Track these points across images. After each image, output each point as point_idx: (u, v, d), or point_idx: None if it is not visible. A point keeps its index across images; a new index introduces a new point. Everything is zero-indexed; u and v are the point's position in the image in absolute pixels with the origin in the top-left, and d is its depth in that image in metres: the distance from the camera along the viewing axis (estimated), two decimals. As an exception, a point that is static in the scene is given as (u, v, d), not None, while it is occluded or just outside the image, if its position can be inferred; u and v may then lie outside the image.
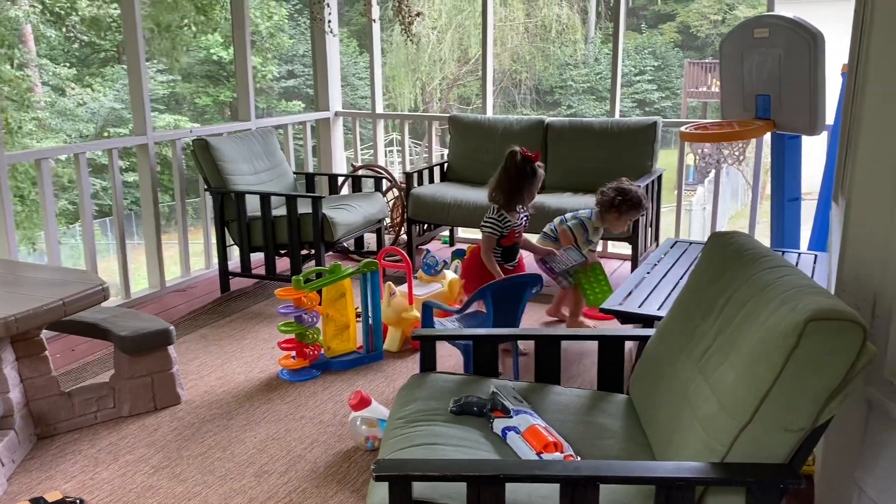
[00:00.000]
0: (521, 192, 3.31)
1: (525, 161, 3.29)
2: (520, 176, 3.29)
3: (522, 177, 3.29)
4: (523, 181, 3.29)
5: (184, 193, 4.52)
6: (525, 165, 3.29)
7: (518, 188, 3.30)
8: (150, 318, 3.16)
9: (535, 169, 3.31)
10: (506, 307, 2.98)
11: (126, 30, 4.11)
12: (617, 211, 3.57)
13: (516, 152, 3.32)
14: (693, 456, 1.52)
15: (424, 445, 1.74)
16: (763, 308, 1.54)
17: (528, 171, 3.29)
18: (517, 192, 3.31)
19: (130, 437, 2.81)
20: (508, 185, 3.31)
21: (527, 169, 3.29)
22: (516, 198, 3.33)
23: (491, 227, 3.35)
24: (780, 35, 3.54)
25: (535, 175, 3.31)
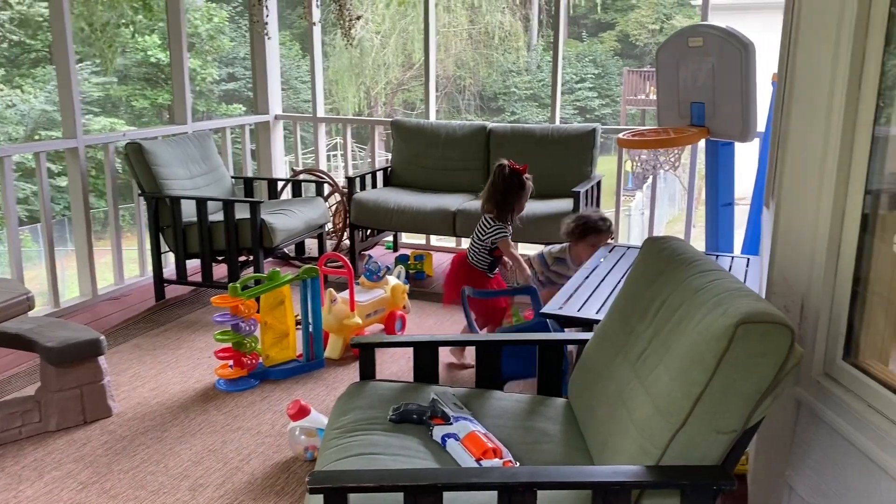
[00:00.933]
0: (510, 203, 3.38)
1: (512, 174, 3.35)
2: (507, 189, 3.35)
3: (510, 189, 3.35)
4: (511, 193, 3.36)
5: (117, 198, 4.38)
6: (512, 178, 3.35)
7: (507, 200, 3.37)
8: (79, 328, 3.04)
9: (522, 181, 3.36)
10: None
11: (55, 29, 3.96)
12: (580, 239, 3.59)
13: (504, 165, 3.37)
14: (629, 459, 1.53)
15: (362, 455, 1.71)
16: (696, 311, 1.56)
17: (515, 184, 3.35)
18: (507, 204, 3.38)
19: (57, 452, 2.69)
20: (497, 198, 3.37)
21: (514, 181, 3.35)
22: (506, 209, 3.39)
23: (500, 231, 3.39)
24: (713, 44, 3.63)
25: (522, 187, 3.37)
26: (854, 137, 1.62)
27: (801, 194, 1.75)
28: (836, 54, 1.62)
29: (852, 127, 1.62)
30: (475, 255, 3.45)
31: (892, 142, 1.61)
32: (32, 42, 16.62)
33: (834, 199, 1.65)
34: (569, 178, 4.48)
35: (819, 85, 1.67)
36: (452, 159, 4.94)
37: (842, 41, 1.60)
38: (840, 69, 1.61)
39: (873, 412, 1.53)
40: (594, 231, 3.59)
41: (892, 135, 1.61)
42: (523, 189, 3.37)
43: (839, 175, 1.64)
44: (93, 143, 4.40)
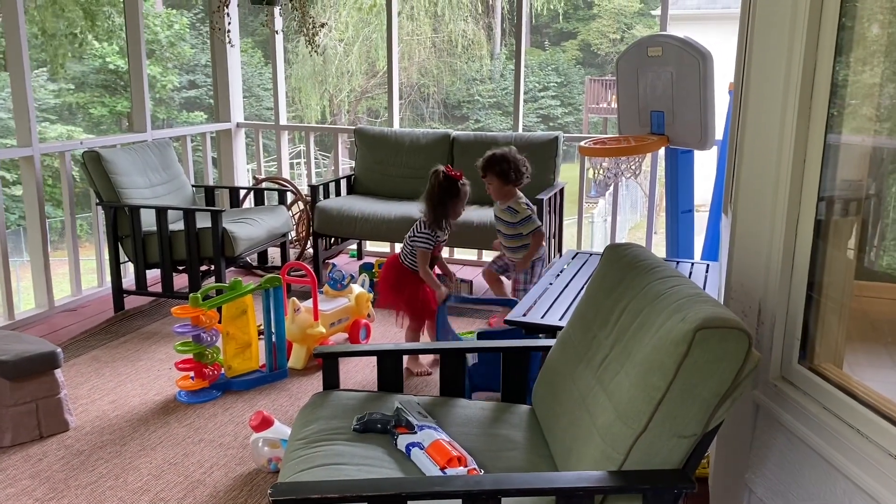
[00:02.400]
0: (445, 208, 3.36)
1: (448, 179, 3.34)
2: (442, 193, 3.33)
3: (445, 194, 3.34)
4: (447, 199, 3.34)
5: (73, 208, 4.29)
6: (448, 183, 3.34)
7: (443, 205, 3.35)
8: (34, 340, 2.97)
9: (458, 188, 3.35)
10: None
11: (8, 36, 3.87)
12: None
13: (439, 171, 3.36)
14: (592, 465, 1.55)
15: (326, 466, 1.70)
16: (656, 317, 1.58)
17: (451, 190, 3.34)
18: (440, 210, 3.35)
19: (12, 468, 2.62)
20: (433, 203, 3.35)
21: (449, 187, 3.34)
22: (440, 215, 3.37)
23: (424, 241, 3.37)
24: (671, 54, 3.69)
25: (457, 194, 3.35)
26: (807, 145, 1.66)
27: (756, 201, 1.78)
28: (788, 64, 1.66)
29: (805, 135, 1.66)
30: (406, 256, 3.45)
31: (843, 150, 1.65)
32: (-15, 48, 16.24)
33: (788, 206, 1.69)
34: (532, 186, 4.49)
35: (772, 94, 1.71)
36: (416, 167, 4.94)
37: (794, 51, 1.64)
38: (792, 79, 1.65)
39: (829, 414, 1.57)
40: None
41: (843, 143, 1.66)
42: (458, 195, 3.36)
43: (793, 182, 1.68)
44: (49, 152, 4.30)
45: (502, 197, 3.68)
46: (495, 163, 3.61)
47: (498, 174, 3.62)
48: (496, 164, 3.61)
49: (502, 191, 3.66)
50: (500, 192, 3.66)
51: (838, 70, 1.61)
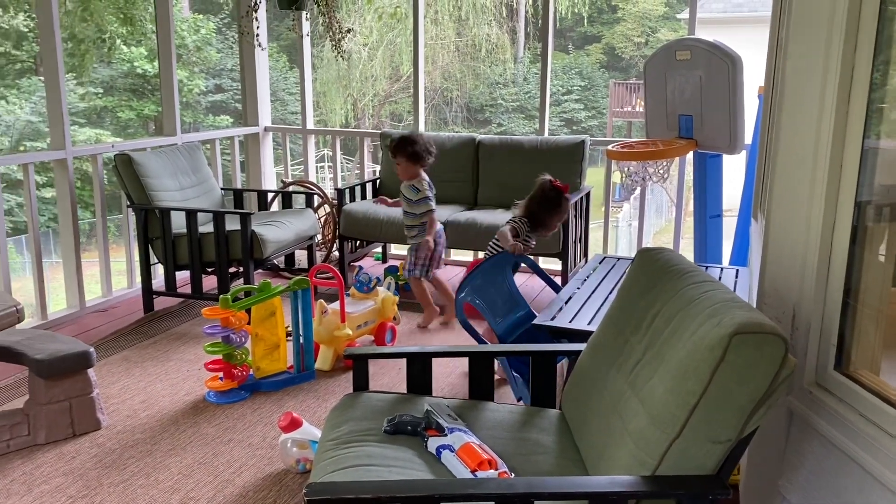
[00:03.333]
0: (542, 217, 3.37)
1: (554, 190, 3.34)
2: (545, 203, 3.35)
3: (548, 204, 3.35)
4: (549, 208, 3.35)
5: (104, 210, 4.36)
6: (554, 194, 3.34)
7: (541, 214, 3.36)
8: (68, 340, 3.02)
9: (561, 200, 3.34)
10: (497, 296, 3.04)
11: (43, 41, 3.95)
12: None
13: (547, 181, 3.36)
14: (624, 469, 1.54)
15: (357, 467, 1.71)
16: (690, 322, 1.57)
17: (554, 200, 3.34)
18: (540, 218, 3.38)
19: (46, 465, 2.67)
20: (531, 209, 3.37)
21: (555, 198, 3.34)
22: (536, 222, 3.38)
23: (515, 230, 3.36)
24: (700, 57, 3.67)
25: (559, 206, 3.35)
26: (844, 149, 1.64)
27: (791, 206, 1.77)
28: (825, 66, 1.64)
29: (842, 139, 1.64)
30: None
31: (881, 154, 1.63)
32: (17, 53, 16.54)
33: (824, 211, 1.68)
34: (558, 190, 4.50)
35: (809, 97, 1.70)
36: (442, 170, 4.94)
37: (831, 54, 1.63)
38: (829, 82, 1.64)
39: (865, 422, 1.55)
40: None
41: (881, 147, 1.64)
42: (559, 209, 3.35)
43: (829, 187, 1.66)
44: (81, 155, 4.38)
45: (409, 176, 4.00)
46: (407, 144, 3.96)
47: (408, 155, 3.95)
48: (407, 146, 3.95)
49: (409, 170, 3.98)
50: (407, 171, 3.98)
51: (877, 72, 1.60)
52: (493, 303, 3.03)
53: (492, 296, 3.03)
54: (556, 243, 4.19)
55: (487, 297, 3.01)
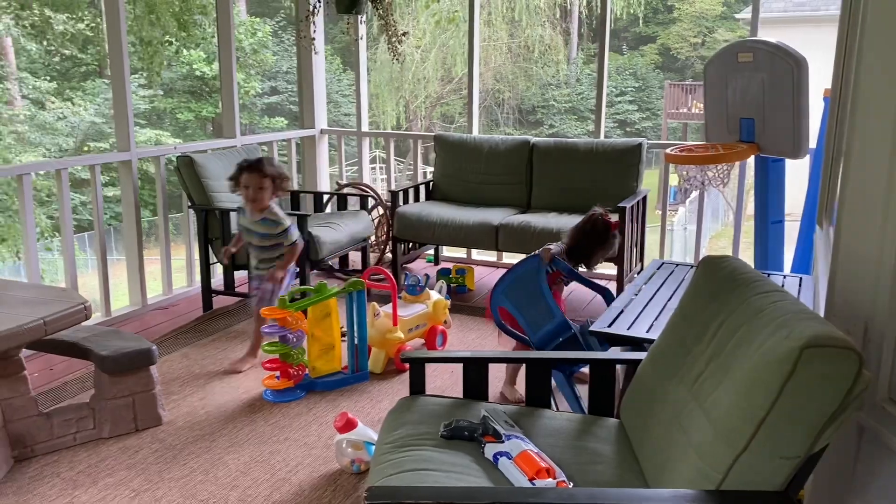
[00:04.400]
0: (588, 251, 3.22)
1: (605, 225, 3.20)
2: (594, 237, 3.20)
3: (596, 239, 3.20)
4: (594, 244, 3.21)
5: (166, 210, 4.47)
6: (603, 229, 3.19)
7: (588, 247, 3.21)
8: (132, 337, 3.11)
9: (609, 236, 3.21)
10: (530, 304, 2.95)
11: (111, 45, 4.07)
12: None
13: (598, 215, 3.22)
14: (687, 483, 1.51)
15: (416, 471, 1.71)
16: (757, 334, 1.53)
17: (602, 236, 3.20)
18: (585, 251, 3.22)
19: (110, 459, 2.75)
20: (578, 239, 3.23)
21: (603, 233, 3.20)
22: (580, 254, 3.23)
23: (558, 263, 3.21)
24: (763, 59, 3.58)
25: (606, 242, 3.21)
26: (922, 158, 1.58)
27: (864, 216, 1.71)
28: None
29: (920, 147, 1.58)
30: None
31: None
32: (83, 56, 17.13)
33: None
34: (613, 193, 4.45)
35: (885, 102, 1.63)
36: (495, 173, 4.95)
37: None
38: (907, 88, 1.58)
39: (942, 440, 1.49)
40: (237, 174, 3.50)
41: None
42: (605, 245, 3.20)
43: (906, 196, 1.60)
44: (145, 156, 4.50)
45: (263, 207, 3.46)
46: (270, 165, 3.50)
47: (274, 178, 3.48)
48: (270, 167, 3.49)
49: (266, 199, 3.46)
50: (264, 200, 3.45)
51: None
52: (527, 311, 2.95)
53: (526, 304, 2.95)
54: (612, 248, 4.13)
55: (521, 305, 2.95)
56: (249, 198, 3.45)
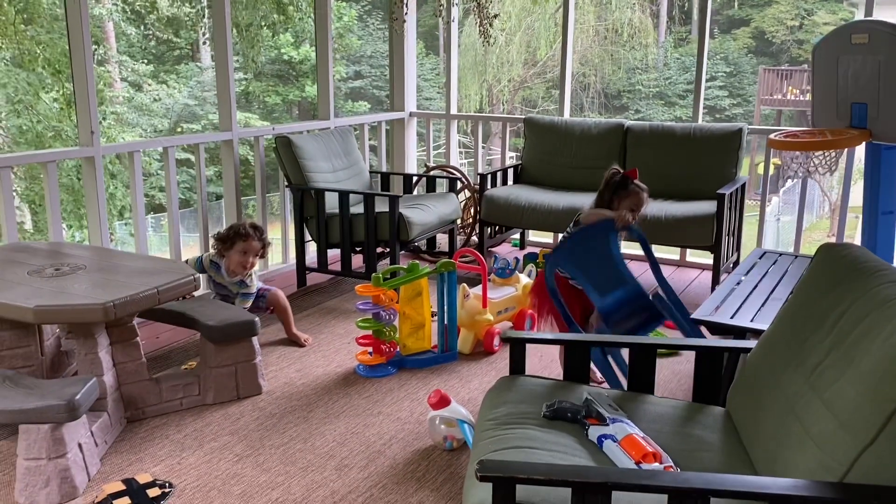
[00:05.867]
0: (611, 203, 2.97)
1: (623, 176, 3.01)
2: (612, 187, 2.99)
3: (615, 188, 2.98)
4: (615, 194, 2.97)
5: (265, 189, 4.61)
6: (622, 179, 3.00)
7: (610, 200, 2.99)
8: (234, 309, 3.23)
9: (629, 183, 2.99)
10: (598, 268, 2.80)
11: (216, 29, 4.21)
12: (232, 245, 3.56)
13: (615, 170, 3.04)
14: (806, 474, 1.47)
15: (520, 448, 1.73)
16: (885, 324, 1.47)
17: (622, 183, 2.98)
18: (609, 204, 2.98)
19: (214, 424, 2.87)
20: (602, 196, 3.03)
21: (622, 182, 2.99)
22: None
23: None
24: (881, 41, 3.40)
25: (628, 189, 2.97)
26: None
27: None
28: None
29: None
30: None
31: None
32: (177, 40, 17.78)
33: None
34: (710, 180, 4.34)
35: None
36: (586, 157, 4.88)
37: None
38: None
39: None
40: (242, 238, 3.53)
41: None
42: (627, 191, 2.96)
43: None
44: (246, 137, 4.65)
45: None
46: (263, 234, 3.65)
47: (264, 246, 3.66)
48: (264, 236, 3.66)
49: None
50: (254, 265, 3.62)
51: None
52: (593, 276, 2.79)
53: (593, 268, 2.79)
54: (709, 235, 4.04)
55: (588, 269, 2.78)
56: (249, 265, 3.57)
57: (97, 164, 3.65)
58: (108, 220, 3.75)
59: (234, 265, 3.56)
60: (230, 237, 3.56)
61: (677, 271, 4.86)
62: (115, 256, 3.15)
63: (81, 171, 3.88)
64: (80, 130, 3.65)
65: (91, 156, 3.64)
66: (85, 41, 3.51)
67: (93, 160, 3.65)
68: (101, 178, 3.67)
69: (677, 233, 4.10)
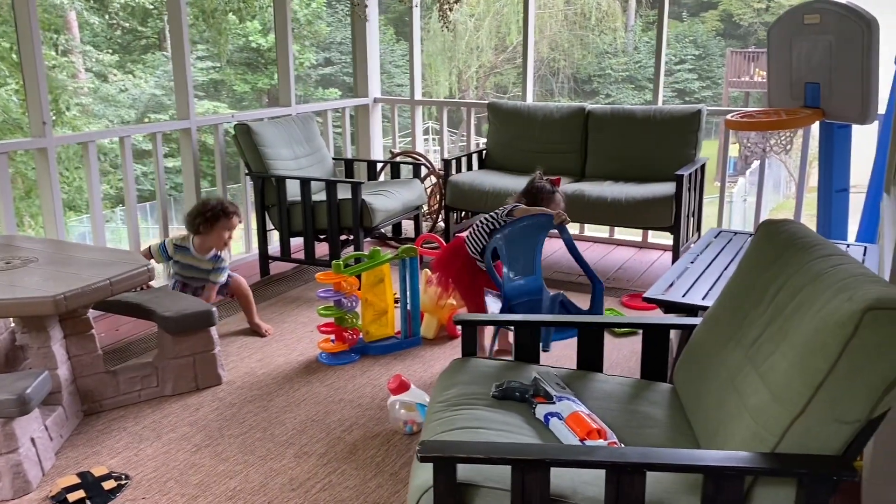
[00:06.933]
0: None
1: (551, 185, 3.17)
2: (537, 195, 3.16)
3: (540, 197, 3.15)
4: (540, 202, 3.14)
5: (225, 178, 4.57)
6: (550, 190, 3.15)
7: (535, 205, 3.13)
8: (192, 300, 3.21)
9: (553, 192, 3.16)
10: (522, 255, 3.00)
11: (171, 16, 4.15)
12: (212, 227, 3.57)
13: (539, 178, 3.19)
14: (741, 445, 1.50)
15: (467, 429, 1.74)
16: (817, 297, 1.50)
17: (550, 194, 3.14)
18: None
19: (173, 415, 2.86)
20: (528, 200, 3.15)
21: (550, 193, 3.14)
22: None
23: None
24: (831, 21, 3.45)
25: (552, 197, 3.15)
26: None
27: (935, 177, 1.65)
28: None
29: None
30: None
31: None
32: (143, 29, 17.49)
33: (974, 182, 1.55)
34: (671, 162, 4.37)
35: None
36: (549, 142, 4.90)
37: None
38: None
39: None
40: (226, 216, 3.56)
41: None
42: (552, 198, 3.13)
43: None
44: (203, 125, 4.60)
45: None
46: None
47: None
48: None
49: None
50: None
51: None
52: (516, 260, 2.99)
53: (517, 253, 2.99)
54: (669, 217, 4.07)
55: (513, 252, 2.98)
56: (226, 242, 3.59)
57: (50, 155, 3.59)
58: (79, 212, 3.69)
59: (214, 242, 3.57)
60: (213, 216, 3.55)
61: (639, 252, 4.91)
62: (68, 249, 3.10)
63: (69, 164, 3.81)
64: (32, 121, 3.59)
65: (44, 147, 3.58)
66: (33, 29, 3.45)
67: (46, 151, 3.58)
68: (54, 170, 3.61)
69: (638, 214, 4.13)
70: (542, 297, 2.99)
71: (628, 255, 4.86)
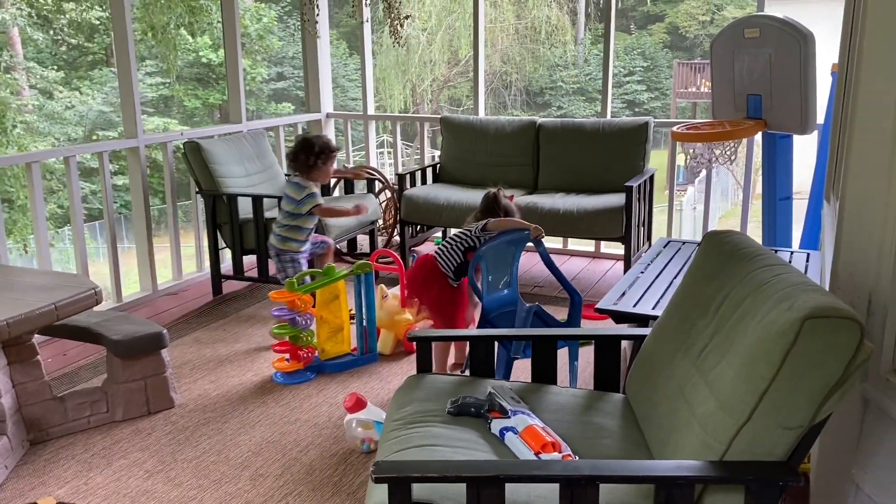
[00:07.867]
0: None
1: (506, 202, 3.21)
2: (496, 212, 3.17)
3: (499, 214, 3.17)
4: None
5: (175, 196, 4.50)
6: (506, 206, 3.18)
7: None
8: (143, 322, 3.14)
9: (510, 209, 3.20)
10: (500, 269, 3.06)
11: (116, 32, 4.08)
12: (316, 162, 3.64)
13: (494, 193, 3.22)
14: (691, 454, 1.53)
15: (422, 447, 1.74)
16: (760, 306, 1.54)
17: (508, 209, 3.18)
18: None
19: (124, 441, 2.79)
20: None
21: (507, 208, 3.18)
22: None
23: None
24: (770, 35, 3.56)
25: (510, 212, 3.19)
26: (925, 128, 1.58)
27: (867, 187, 1.71)
28: (906, 43, 1.58)
29: (923, 117, 1.57)
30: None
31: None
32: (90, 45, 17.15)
33: (904, 192, 1.61)
34: (620, 173, 4.45)
35: (887, 72, 1.63)
36: (502, 155, 4.94)
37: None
38: (910, 58, 1.57)
39: (946, 410, 1.49)
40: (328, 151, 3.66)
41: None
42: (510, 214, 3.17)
43: (909, 167, 1.60)
44: (152, 143, 4.53)
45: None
46: None
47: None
48: None
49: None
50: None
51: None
52: (494, 273, 3.05)
53: (495, 266, 3.05)
54: (619, 227, 4.14)
55: (491, 266, 3.04)
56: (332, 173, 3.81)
57: (-9, 176, 3.49)
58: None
59: (323, 177, 3.72)
60: (329, 150, 3.64)
61: (592, 263, 4.97)
62: (10, 273, 3.02)
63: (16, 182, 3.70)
64: (-30, 142, 3.48)
65: (-16, 168, 3.47)
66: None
67: (-14, 173, 3.48)
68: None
69: (589, 225, 4.19)
70: (517, 309, 3.02)
71: (582, 265, 4.92)
